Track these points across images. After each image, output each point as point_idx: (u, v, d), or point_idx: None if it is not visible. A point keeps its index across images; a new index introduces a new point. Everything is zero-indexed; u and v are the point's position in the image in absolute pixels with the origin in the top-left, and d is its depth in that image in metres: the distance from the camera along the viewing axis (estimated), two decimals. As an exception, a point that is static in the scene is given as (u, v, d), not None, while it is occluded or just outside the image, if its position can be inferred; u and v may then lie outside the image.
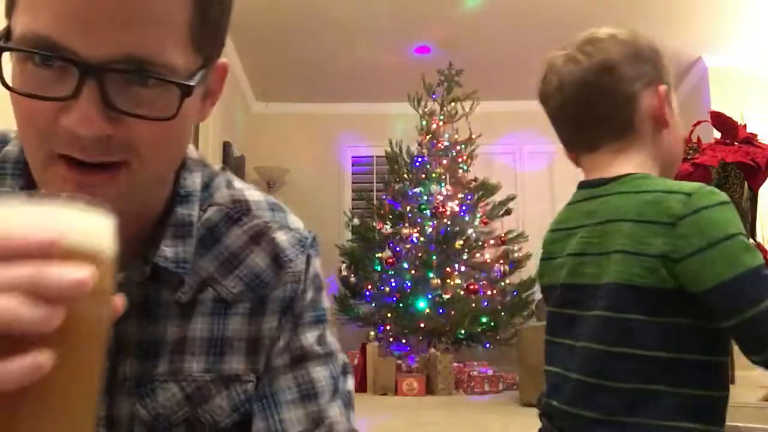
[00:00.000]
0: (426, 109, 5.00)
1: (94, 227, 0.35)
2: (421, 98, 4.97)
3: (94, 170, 0.48)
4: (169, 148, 0.53)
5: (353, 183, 6.06)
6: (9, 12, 0.49)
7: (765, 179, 1.31)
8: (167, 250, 0.58)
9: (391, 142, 5.04)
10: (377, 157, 5.81)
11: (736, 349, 0.80)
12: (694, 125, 1.38)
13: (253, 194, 0.68)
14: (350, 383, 0.69)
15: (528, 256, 4.89)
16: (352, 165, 6.13)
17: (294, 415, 0.62)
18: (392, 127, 5.47)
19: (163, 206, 0.60)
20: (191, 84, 0.49)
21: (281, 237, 0.65)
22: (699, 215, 0.80)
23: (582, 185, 1.05)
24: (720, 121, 1.34)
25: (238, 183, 0.69)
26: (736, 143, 1.30)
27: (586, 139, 1.05)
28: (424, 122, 4.98)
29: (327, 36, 4.75)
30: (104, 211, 0.35)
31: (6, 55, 0.48)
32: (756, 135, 1.33)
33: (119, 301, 0.36)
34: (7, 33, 0.48)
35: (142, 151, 0.49)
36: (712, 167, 1.26)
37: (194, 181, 0.63)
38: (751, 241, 1.30)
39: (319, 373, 0.65)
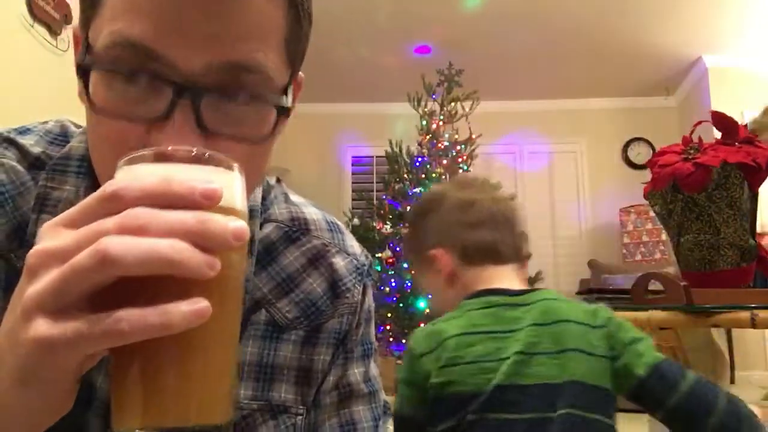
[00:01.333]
0: (426, 109, 4.99)
1: (239, 186, 0.37)
2: (421, 98, 4.97)
3: None
4: (258, 168, 0.50)
5: (353, 183, 6.05)
6: (87, 21, 0.46)
7: (765, 179, 1.31)
8: None
9: (391, 142, 5.03)
10: (377, 157, 5.81)
11: (736, 349, 0.81)
12: (695, 125, 1.38)
13: (311, 211, 0.66)
14: (390, 426, 0.67)
15: (528, 256, 4.88)
16: (352, 165, 6.13)
17: None
18: (392, 127, 5.47)
19: None
20: (287, 106, 0.48)
21: (339, 263, 0.63)
22: (616, 320, 0.94)
23: (486, 293, 1.02)
24: (720, 121, 1.34)
25: (294, 197, 0.67)
26: (736, 143, 1.30)
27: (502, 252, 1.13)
28: (424, 122, 4.98)
29: (327, 36, 4.75)
30: (239, 170, 0.37)
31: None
32: (757, 135, 1.33)
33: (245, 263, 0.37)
34: (87, 46, 0.45)
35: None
36: (713, 167, 1.26)
37: (255, 196, 0.61)
38: (751, 241, 1.31)
39: (362, 414, 0.63)
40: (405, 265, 4.62)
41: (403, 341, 4.64)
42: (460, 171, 4.90)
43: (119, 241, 0.30)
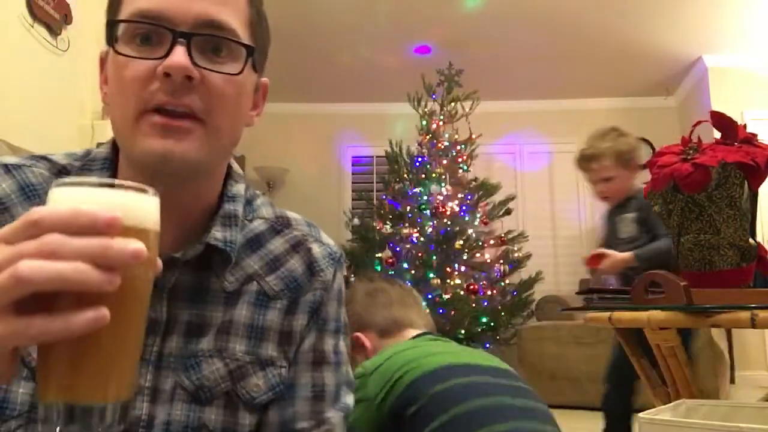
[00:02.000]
0: (426, 109, 4.99)
1: (145, 207, 0.43)
2: (421, 98, 4.97)
3: (179, 118, 0.62)
4: (232, 109, 0.67)
5: (353, 183, 6.05)
6: (115, 10, 0.66)
7: (765, 179, 1.31)
8: (217, 233, 0.70)
9: (391, 142, 5.03)
10: (377, 157, 5.81)
11: (736, 349, 0.80)
12: (694, 125, 1.37)
13: (292, 214, 0.82)
14: (351, 398, 0.80)
15: (528, 256, 4.88)
16: (352, 165, 6.12)
17: (303, 410, 0.74)
18: (392, 127, 5.47)
19: (215, 204, 0.73)
20: (253, 45, 0.67)
21: (316, 249, 0.79)
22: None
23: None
24: (720, 121, 1.34)
25: (276, 206, 0.83)
26: (736, 143, 1.30)
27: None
28: (424, 122, 4.98)
29: (327, 36, 4.75)
30: (153, 193, 0.44)
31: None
32: (756, 135, 1.33)
33: (159, 263, 0.45)
34: (112, 26, 0.64)
35: (214, 105, 0.64)
36: (712, 167, 1.26)
37: (239, 188, 0.77)
38: (751, 241, 1.30)
39: (328, 378, 0.76)
40: (405, 265, 4.62)
41: (403, 341, 4.63)
42: (460, 171, 4.90)
43: (30, 265, 0.38)
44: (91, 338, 0.39)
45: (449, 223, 4.66)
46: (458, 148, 4.92)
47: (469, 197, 4.80)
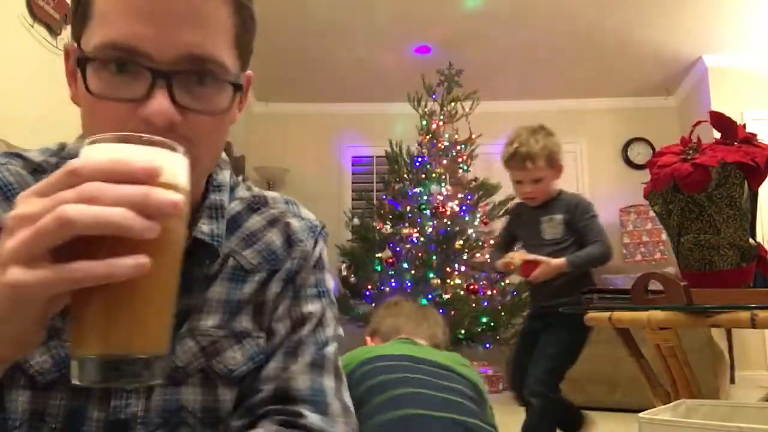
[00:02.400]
0: (426, 109, 4.99)
1: (178, 165, 0.44)
2: (421, 98, 4.97)
3: None
4: (218, 141, 0.64)
5: (353, 183, 6.05)
6: (79, 33, 0.60)
7: (765, 179, 1.31)
8: (204, 227, 0.68)
9: (391, 142, 5.03)
10: (377, 157, 5.81)
11: (736, 349, 0.80)
12: (694, 125, 1.37)
13: (270, 193, 0.80)
14: (332, 348, 0.75)
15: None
16: (352, 165, 6.12)
17: (275, 366, 0.70)
18: (392, 127, 5.47)
19: (201, 195, 0.71)
20: (241, 83, 0.62)
21: (294, 223, 0.77)
22: None
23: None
24: (720, 121, 1.34)
25: (256, 188, 0.82)
26: (735, 143, 1.30)
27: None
28: (424, 122, 4.98)
29: (327, 36, 4.75)
30: (184, 152, 0.45)
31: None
32: (756, 135, 1.33)
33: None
34: (81, 51, 0.58)
35: (199, 142, 0.59)
36: (712, 167, 1.26)
37: (224, 176, 0.75)
38: (751, 241, 1.30)
39: (307, 338, 0.73)
40: (405, 265, 4.62)
41: (403, 341, 4.63)
42: (460, 171, 4.90)
43: (75, 207, 0.38)
44: (130, 287, 0.39)
45: (449, 223, 4.66)
46: (458, 148, 4.92)
47: (469, 197, 4.81)
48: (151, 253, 0.39)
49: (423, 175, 4.83)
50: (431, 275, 4.52)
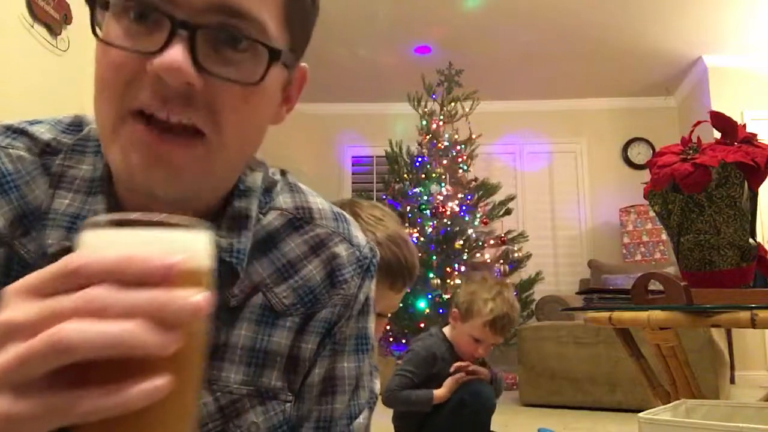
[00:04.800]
0: (426, 109, 4.99)
1: (201, 247, 0.36)
2: (421, 98, 4.97)
3: (171, 135, 0.47)
4: (248, 122, 0.51)
5: (353, 183, 6.05)
6: None
7: (765, 179, 1.31)
8: (222, 240, 0.56)
9: (391, 142, 5.03)
10: (377, 157, 5.81)
11: (736, 349, 0.80)
12: (694, 125, 1.38)
13: (317, 201, 0.65)
14: (363, 418, 0.65)
15: (528, 256, 4.88)
16: (352, 165, 6.12)
17: None
18: (392, 127, 5.47)
19: (224, 201, 0.58)
20: (280, 49, 0.50)
21: (342, 252, 0.63)
22: None
23: None
24: (720, 121, 1.34)
25: (302, 186, 0.67)
26: (735, 143, 1.30)
27: None
28: (424, 122, 4.98)
29: (327, 36, 4.75)
30: (204, 227, 0.36)
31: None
32: (756, 135, 1.33)
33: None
34: (92, 5, 0.48)
35: (222, 119, 0.48)
36: (712, 167, 1.26)
37: (255, 178, 0.61)
38: (751, 241, 1.31)
39: (340, 411, 0.62)
40: (405, 265, 4.62)
41: (403, 341, 4.64)
42: (460, 171, 4.91)
43: (74, 328, 0.30)
44: (145, 413, 0.32)
45: (449, 223, 4.66)
46: (458, 148, 4.92)
47: (469, 197, 4.81)
48: (171, 368, 0.32)
49: (423, 175, 4.83)
50: (431, 275, 4.52)
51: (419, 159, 4.91)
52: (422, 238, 4.66)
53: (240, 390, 0.57)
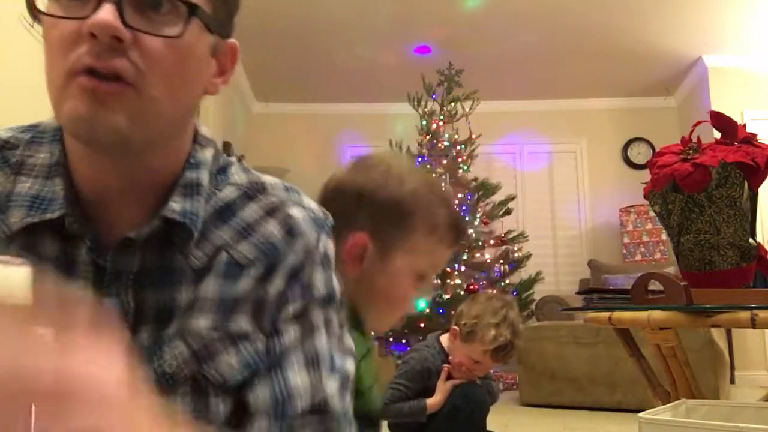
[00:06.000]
0: (426, 109, 4.99)
1: (16, 283, 0.37)
2: (421, 98, 4.97)
3: (106, 82, 0.55)
4: (174, 77, 0.58)
5: (353, 183, 6.05)
6: None
7: (765, 179, 1.31)
8: (175, 205, 0.62)
9: (391, 142, 5.03)
10: (377, 157, 5.80)
11: (736, 349, 0.80)
12: (694, 125, 1.38)
13: (269, 178, 0.72)
14: (350, 364, 0.69)
15: (528, 256, 4.88)
16: (352, 165, 6.12)
17: (295, 383, 0.64)
18: (392, 127, 5.47)
19: (174, 175, 0.64)
20: (196, 3, 0.57)
21: (296, 213, 0.69)
22: None
23: None
24: (720, 121, 1.34)
25: (254, 171, 0.73)
26: (735, 143, 1.30)
27: None
28: (424, 122, 4.98)
29: (327, 36, 4.75)
30: (22, 262, 0.38)
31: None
32: (756, 135, 1.33)
33: None
34: None
35: (148, 71, 0.56)
36: (712, 167, 1.26)
37: (205, 154, 0.67)
38: (751, 241, 1.31)
39: (323, 346, 0.66)
40: (405, 265, 4.62)
41: (403, 341, 4.64)
42: (460, 171, 4.90)
43: None
44: None
45: (449, 223, 4.65)
46: (458, 148, 4.92)
47: (469, 197, 4.81)
48: None
49: (423, 175, 4.83)
50: (431, 275, 4.52)
51: (419, 159, 4.91)
52: (422, 238, 4.65)
53: (210, 334, 0.61)
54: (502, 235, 4.85)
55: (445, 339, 2.15)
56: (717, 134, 1.36)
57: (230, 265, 0.64)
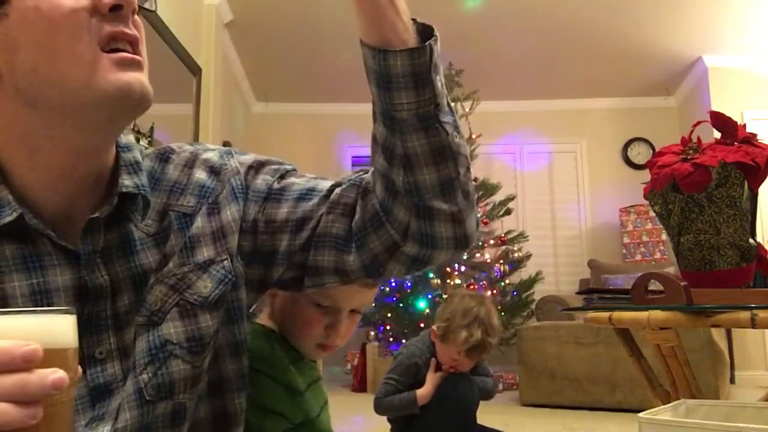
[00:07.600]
0: (426, 109, 4.99)
1: (62, 328, 0.43)
2: (421, 98, 4.97)
3: (134, 50, 0.65)
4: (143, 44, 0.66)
5: (353, 183, 6.05)
6: None
7: (765, 179, 1.31)
8: (126, 181, 0.68)
9: (391, 142, 5.03)
10: (377, 157, 5.80)
11: (736, 349, 0.80)
12: (694, 125, 1.38)
13: (172, 144, 0.81)
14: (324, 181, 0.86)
15: (528, 256, 4.88)
16: (352, 165, 6.12)
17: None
18: (392, 127, 5.46)
19: (113, 162, 0.70)
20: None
21: (209, 155, 0.79)
22: None
23: None
24: (720, 121, 1.34)
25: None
26: (735, 143, 1.30)
27: None
28: (424, 122, 4.97)
29: (327, 36, 4.75)
30: (67, 312, 0.44)
31: None
32: (756, 135, 1.33)
33: (79, 371, 0.45)
34: None
35: (141, 42, 0.65)
36: (712, 167, 1.26)
37: (129, 138, 0.75)
38: (751, 241, 1.30)
39: (307, 175, 0.82)
40: (405, 265, 4.62)
41: (403, 341, 4.64)
42: (460, 171, 4.90)
43: None
44: None
45: (449, 223, 4.65)
46: (458, 148, 4.92)
47: (469, 197, 4.80)
48: (41, 426, 0.40)
49: (423, 175, 4.83)
50: (431, 275, 4.52)
51: (419, 159, 4.91)
52: (422, 238, 4.65)
53: (181, 269, 0.70)
54: (502, 235, 4.85)
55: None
56: (717, 134, 1.36)
57: (180, 218, 0.72)
